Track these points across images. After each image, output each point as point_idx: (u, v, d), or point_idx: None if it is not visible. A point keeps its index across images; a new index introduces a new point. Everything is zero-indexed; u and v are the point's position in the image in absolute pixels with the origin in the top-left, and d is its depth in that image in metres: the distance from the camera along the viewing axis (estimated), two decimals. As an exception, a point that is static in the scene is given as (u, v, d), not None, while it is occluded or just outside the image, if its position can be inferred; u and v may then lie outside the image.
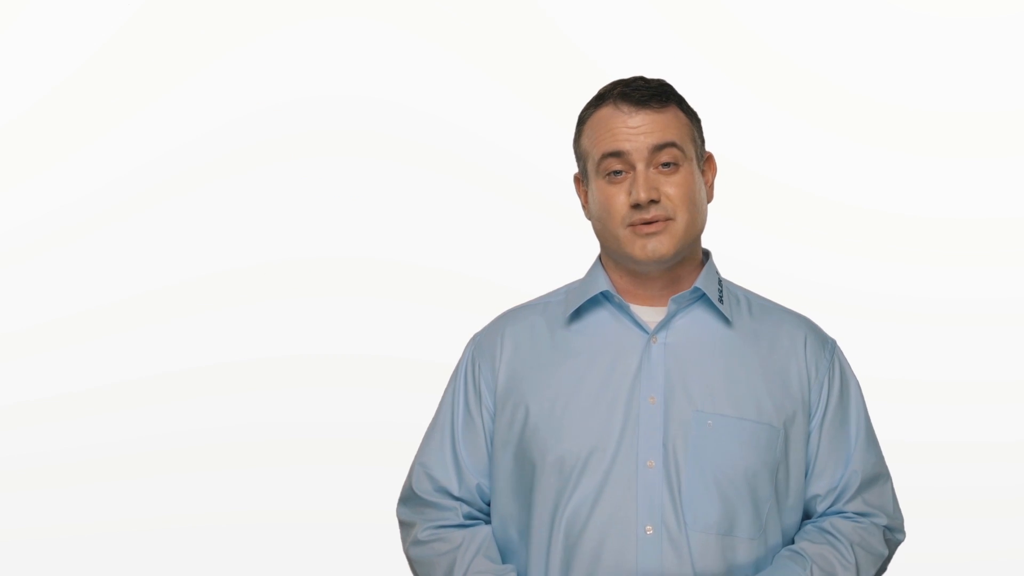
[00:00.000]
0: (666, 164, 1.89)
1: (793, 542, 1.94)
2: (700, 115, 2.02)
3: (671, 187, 1.88)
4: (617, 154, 1.89)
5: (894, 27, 3.00)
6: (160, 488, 2.80)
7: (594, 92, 1.97)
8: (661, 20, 2.95)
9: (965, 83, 3.01)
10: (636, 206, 1.87)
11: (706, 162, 1.97)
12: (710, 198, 1.97)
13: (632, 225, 1.88)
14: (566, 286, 2.02)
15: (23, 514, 2.75)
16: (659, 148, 1.88)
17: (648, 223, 1.88)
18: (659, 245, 1.88)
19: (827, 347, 1.99)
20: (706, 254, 2.00)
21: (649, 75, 2.05)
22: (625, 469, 1.86)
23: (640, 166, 1.88)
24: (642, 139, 1.88)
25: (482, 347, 1.99)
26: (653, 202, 1.87)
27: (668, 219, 1.89)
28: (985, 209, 3.02)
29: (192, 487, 2.82)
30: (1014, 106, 3.01)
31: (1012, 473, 3.01)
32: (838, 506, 1.95)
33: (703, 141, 1.97)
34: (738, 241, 2.92)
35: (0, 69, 2.72)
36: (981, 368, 3.02)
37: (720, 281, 1.97)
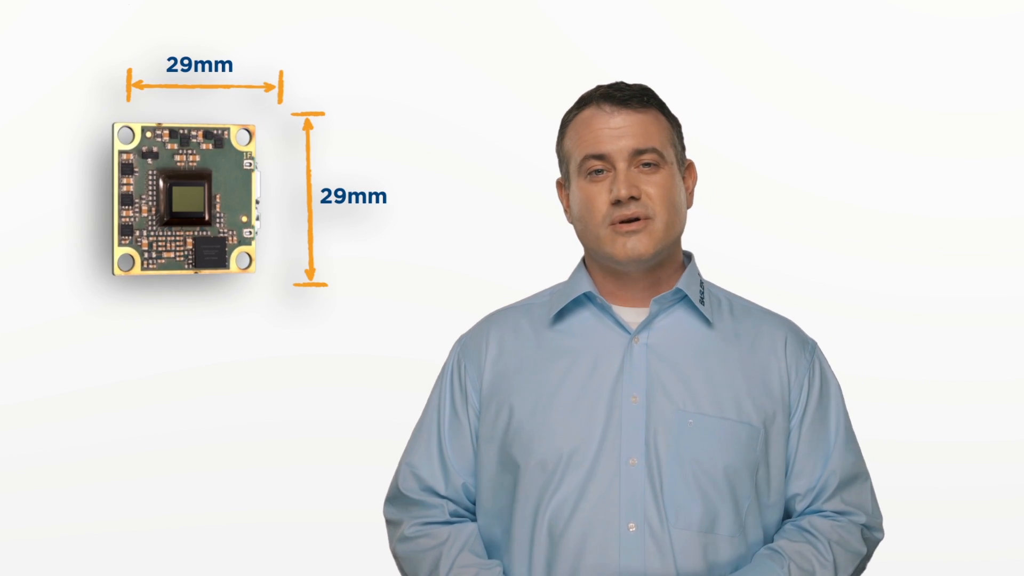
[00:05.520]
0: (647, 164, 1.91)
1: (773, 541, 1.96)
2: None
3: (651, 186, 1.91)
4: (599, 156, 1.91)
5: (894, 27, 3.00)
6: (160, 488, 2.80)
7: (591, 93, 1.99)
8: (661, 20, 2.95)
9: (965, 83, 3.01)
10: (616, 203, 1.89)
11: (687, 168, 2.00)
12: (689, 204, 2.00)
13: (613, 224, 1.90)
14: (551, 288, 2.05)
15: (23, 514, 2.75)
16: (640, 152, 1.91)
17: (628, 221, 1.90)
18: (638, 244, 1.90)
19: (807, 348, 2.01)
20: (688, 256, 2.02)
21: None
22: (608, 467, 1.88)
23: (621, 165, 1.90)
24: (624, 142, 1.91)
25: (468, 348, 2.02)
26: (633, 199, 1.90)
27: (647, 218, 1.91)
28: (985, 209, 3.02)
29: (192, 487, 2.82)
30: (1014, 106, 3.01)
31: (1012, 473, 3.01)
32: (816, 505, 1.98)
33: (684, 148, 2.00)
34: (738, 241, 2.93)
35: (3, 68, 2.73)
36: (981, 368, 3.02)
37: (702, 283, 2.00)
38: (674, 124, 1.97)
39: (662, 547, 1.84)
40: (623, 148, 1.89)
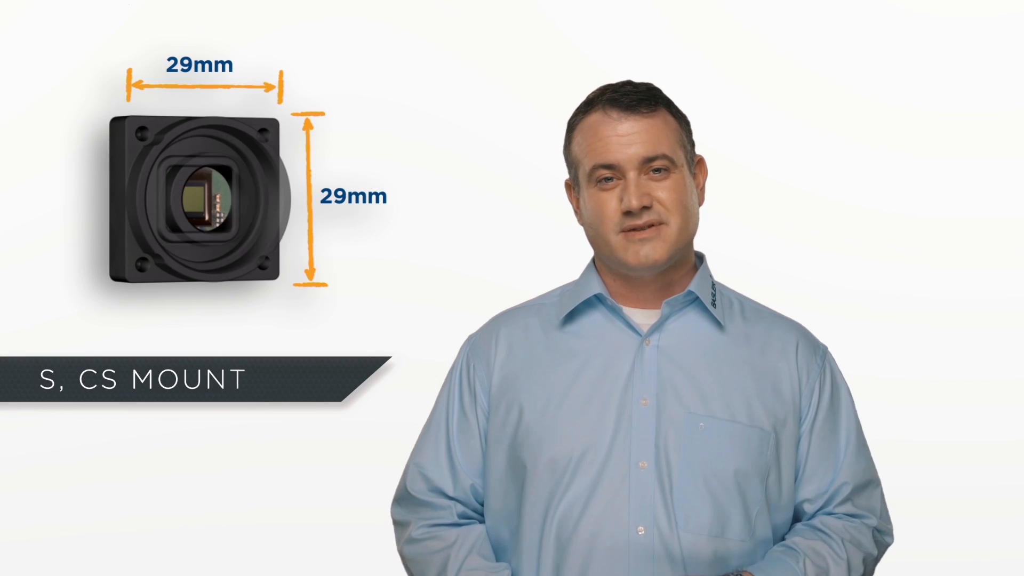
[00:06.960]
0: (657, 170, 1.90)
1: (785, 539, 1.95)
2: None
3: (663, 191, 1.89)
4: (609, 166, 1.90)
5: (894, 27, 3.00)
6: (160, 488, 2.81)
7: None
8: (661, 20, 2.95)
9: (965, 83, 3.01)
10: (628, 213, 1.88)
11: (697, 165, 1.98)
12: (701, 201, 1.98)
13: (624, 231, 1.89)
14: (560, 288, 2.03)
15: (23, 514, 2.75)
16: (650, 160, 1.89)
17: (640, 229, 1.89)
18: (652, 251, 1.89)
19: (818, 353, 2.00)
20: (700, 257, 2.01)
21: (649, 75, 2.06)
22: (617, 470, 1.87)
23: (631, 174, 1.89)
24: (633, 149, 1.89)
25: (477, 348, 2.01)
26: (645, 208, 1.88)
27: (661, 223, 1.89)
28: (985, 209, 3.02)
29: (192, 487, 2.82)
30: (1014, 106, 3.01)
31: (1012, 473, 3.01)
32: (827, 510, 1.97)
33: (693, 144, 1.98)
34: (738, 241, 2.93)
35: (3, 68, 2.73)
36: (981, 368, 3.02)
37: (714, 285, 1.98)
38: (682, 122, 1.94)
39: (671, 551, 1.84)
40: (632, 156, 1.87)
